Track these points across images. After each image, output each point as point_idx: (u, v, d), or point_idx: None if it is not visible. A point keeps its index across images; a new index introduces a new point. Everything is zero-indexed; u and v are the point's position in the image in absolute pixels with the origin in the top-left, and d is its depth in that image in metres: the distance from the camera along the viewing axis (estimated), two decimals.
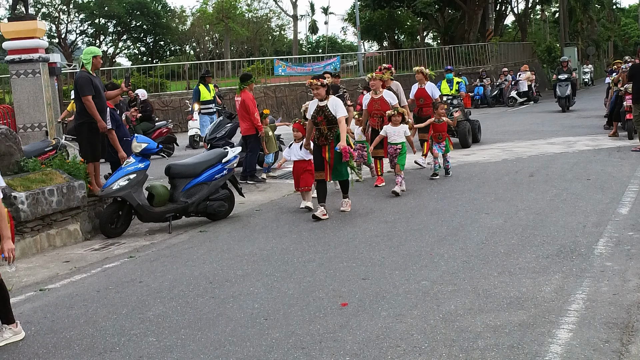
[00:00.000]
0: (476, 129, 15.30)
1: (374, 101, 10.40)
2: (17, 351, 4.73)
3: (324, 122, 8.39)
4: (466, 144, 14.40)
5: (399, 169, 9.65)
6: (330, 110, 8.38)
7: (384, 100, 10.29)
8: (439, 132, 10.93)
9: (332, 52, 51.09)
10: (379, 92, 10.37)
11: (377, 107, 10.32)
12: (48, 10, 51.81)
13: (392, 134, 9.80)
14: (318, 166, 8.56)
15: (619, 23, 63.38)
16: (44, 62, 12.97)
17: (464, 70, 31.53)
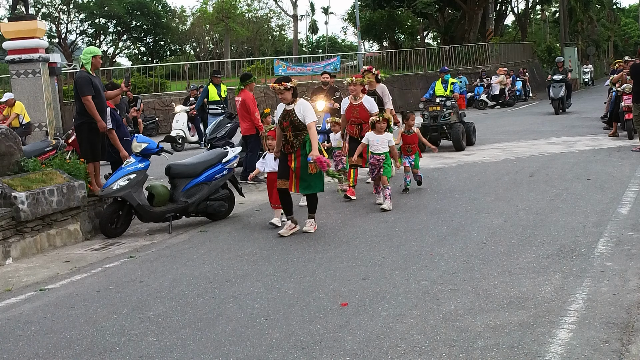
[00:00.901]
0: (470, 131, 14.82)
1: (352, 107, 9.54)
2: (17, 351, 4.73)
3: (290, 128, 7.59)
4: (460, 147, 13.99)
5: (385, 181, 8.82)
6: (297, 115, 7.56)
7: (363, 107, 9.45)
8: (409, 144, 9.86)
9: (332, 52, 51.08)
10: (359, 98, 9.51)
11: (355, 114, 9.48)
12: (48, 10, 51.79)
13: (374, 142, 8.87)
14: (281, 173, 7.69)
15: (619, 23, 63.43)
16: (44, 62, 12.98)
17: (464, 70, 31.53)
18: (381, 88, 10.49)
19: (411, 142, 9.86)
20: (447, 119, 14.14)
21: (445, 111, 14.07)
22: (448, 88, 15.12)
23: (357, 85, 9.48)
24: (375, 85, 10.44)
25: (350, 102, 9.58)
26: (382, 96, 10.29)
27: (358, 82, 9.49)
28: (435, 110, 14.25)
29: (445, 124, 14.15)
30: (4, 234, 7.27)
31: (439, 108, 14.21)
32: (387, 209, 8.56)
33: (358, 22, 37.84)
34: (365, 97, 9.56)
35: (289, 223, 7.73)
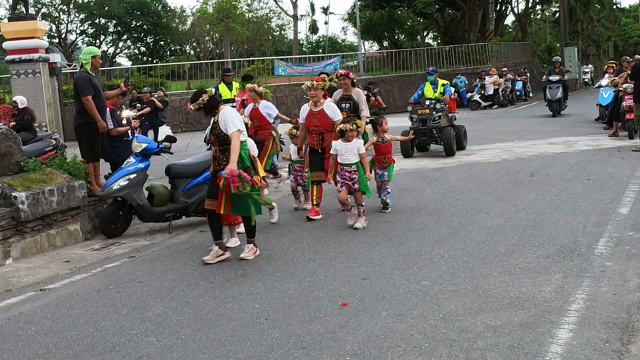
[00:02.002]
0: (461, 135, 14.13)
1: (312, 115, 8.47)
2: (17, 351, 4.73)
3: (216, 143, 6.70)
4: (451, 151, 13.24)
5: (360, 197, 7.81)
6: (221, 127, 6.58)
7: (324, 115, 8.40)
8: (384, 155, 8.66)
9: (332, 52, 51.08)
10: (319, 104, 8.43)
11: (315, 122, 8.39)
12: (48, 10, 51.82)
13: (343, 152, 7.80)
14: (210, 192, 6.83)
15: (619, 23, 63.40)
16: (44, 62, 12.97)
17: (464, 70, 31.53)
18: (357, 93, 9.44)
19: (386, 152, 8.66)
20: (437, 123, 13.40)
21: (434, 114, 13.39)
22: (438, 90, 14.24)
23: (317, 90, 8.38)
24: (352, 89, 9.44)
25: (310, 109, 8.50)
26: (358, 102, 9.31)
27: (318, 86, 8.37)
28: (425, 113, 13.50)
29: (435, 128, 13.44)
30: (4, 234, 7.27)
31: (428, 111, 13.49)
32: (361, 228, 7.65)
33: (358, 22, 37.84)
34: (326, 103, 8.51)
35: (216, 249, 6.78)
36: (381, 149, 8.67)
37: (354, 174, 7.75)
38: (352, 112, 9.10)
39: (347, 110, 9.13)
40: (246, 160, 6.58)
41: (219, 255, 6.72)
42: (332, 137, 8.30)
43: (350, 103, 9.27)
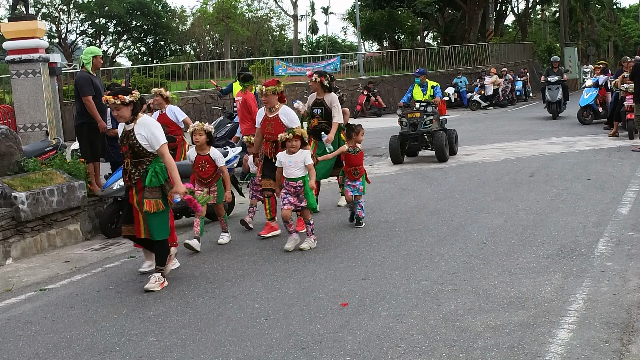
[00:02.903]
0: (453, 140, 13.31)
1: (267, 121, 7.62)
2: (17, 351, 4.73)
3: (128, 154, 5.91)
4: (443, 157, 12.51)
5: (308, 215, 7.07)
6: (137, 136, 5.83)
7: (279, 122, 7.52)
8: (355, 166, 7.96)
9: (333, 52, 51.12)
10: (274, 109, 7.59)
11: (270, 129, 7.53)
12: (48, 10, 51.82)
13: (287, 165, 7.02)
14: (126, 217, 6.13)
15: (619, 23, 63.43)
16: (44, 62, 12.96)
17: (464, 70, 31.53)
18: (330, 98, 8.69)
19: (357, 163, 7.99)
20: (428, 127, 12.69)
21: (425, 118, 12.66)
22: (428, 92, 13.49)
23: (269, 95, 7.50)
24: (324, 94, 8.72)
25: (265, 114, 7.69)
26: (331, 107, 8.63)
27: (269, 91, 7.46)
28: (415, 117, 12.74)
29: (426, 132, 12.74)
30: (4, 234, 7.27)
31: (418, 115, 12.73)
32: (307, 248, 6.94)
33: (358, 22, 37.83)
34: (282, 108, 7.63)
35: (157, 276, 5.99)
36: (352, 159, 7.99)
37: (300, 190, 6.96)
38: (324, 119, 8.65)
39: (318, 116, 8.69)
40: (160, 175, 5.87)
41: (163, 283, 5.96)
42: None
43: (322, 108, 8.69)
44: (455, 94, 29.14)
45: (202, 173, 7.47)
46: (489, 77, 27.70)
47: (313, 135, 8.64)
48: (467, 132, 18.06)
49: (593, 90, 17.21)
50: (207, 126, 7.50)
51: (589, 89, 17.26)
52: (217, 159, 7.49)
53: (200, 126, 7.47)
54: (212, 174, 7.49)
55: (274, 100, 7.57)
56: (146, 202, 5.82)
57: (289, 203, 6.96)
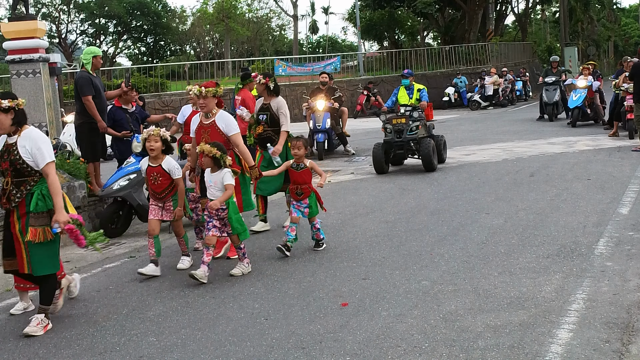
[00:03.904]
0: (441, 146, 12.26)
1: (202, 128, 6.69)
2: (17, 351, 4.73)
3: (9, 171, 5.04)
4: (431, 166, 11.44)
5: (236, 240, 6.24)
6: (20, 151, 5.00)
7: (216, 129, 6.61)
8: (299, 185, 6.89)
9: (333, 52, 51.06)
10: (211, 115, 6.68)
11: (206, 137, 6.55)
12: (48, 10, 51.81)
13: (208, 185, 6.24)
14: (5, 249, 5.24)
15: (619, 23, 63.47)
16: (44, 62, 12.97)
17: (464, 70, 31.52)
18: (277, 103, 7.89)
19: (301, 181, 6.88)
20: (415, 133, 11.56)
21: (411, 124, 11.57)
22: (414, 95, 12.40)
23: (207, 98, 6.62)
24: (271, 98, 7.91)
25: (201, 121, 6.76)
26: (278, 114, 7.82)
27: (209, 93, 6.63)
28: (400, 123, 11.58)
29: (412, 140, 11.64)
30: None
31: (404, 120, 11.59)
32: (239, 274, 6.19)
33: (358, 22, 37.84)
34: (220, 113, 6.71)
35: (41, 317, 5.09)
36: (295, 176, 6.93)
37: (223, 213, 6.10)
38: (270, 126, 7.81)
39: (264, 123, 7.88)
40: (48, 198, 5.01)
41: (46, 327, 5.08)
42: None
43: (267, 114, 7.87)
44: (455, 94, 29.15)
45: (154, 187, 6.42)
46: (490, 77, 27.70)
47: (259, 144, 7.94)
48: (467, 132, 18.07)
49: (582, 92, 16.80)
50: (163, 132, 6.42)
51: (578, 90, 16.91)
52: (172, 171, 6.43)
53: (156, 131, 6.36)
54: (167, 187, 6.42)
55: (212, 104, 6.68)
56: (30, 231, 4.94)
57: (214, 228, 6.13)
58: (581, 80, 17.00)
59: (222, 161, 6.11)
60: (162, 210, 6.50)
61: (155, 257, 6.35)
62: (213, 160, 6.09)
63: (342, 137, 14.56)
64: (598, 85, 17.36)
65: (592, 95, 16.92)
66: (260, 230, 7.92)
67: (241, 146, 6.69)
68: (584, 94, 16.67)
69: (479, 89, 27.76)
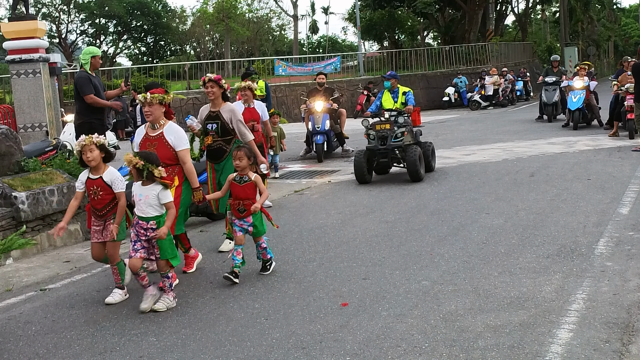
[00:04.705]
0: (429, 154, 11.40)
1: (148, 141, 6.05)
2: (17, 351, 4.73)
3: None
4: (417, 176, 10.51)
5: (163, 267, 5.45)
6: None
7: (164, 142, 5.98)
8: (241, 200, 6.05)
9: (333, 52, 51.09)
10: (159, 125, 6.03)
11: (152, 151, 5.89)
12: (48, 10, 51.83)
13: (137, 198, 5.45)
14: None
15: (619, 23, 63.51)
16: (45, 62, 12.97)
17: (464, 70, 31.53)
18: (229, 110, 6.95)
19: (244, 197, 6.03)
20: (400, 140, 10.73)
21: (396, 130, 10.72)
22: (399, 99, 11.53)
23: (153, 105, 5.90)
24: (222, 104, 6.97)
25: (147, 133, 6.07)
26: (232, 123, 6.91)
27: (156, 99, 5.90)
28: (384, 129, 10.75)
29: (397, 147, 10.80)
30: (4, 234, 7.26)
31: (388, 126, 10.76)
32: (163, 309, 5.36)
33: (358, 22, 37.86)
34: (169, 125, 6.04)
35: None
36: (236, 190, 6.07)
37: (151, 232, 5.37)
38: (220, 136, 6.92)
39: (214, 133, 6.94)
40: None
41: None
42: (173, 174, 6.02)
43: (217, 123, 6.92)
44: (455, 94, 29.18)
45: (95, 202, 5.58)
46: (490, 77, 27.72)
47: (208, 157, 7.09)
48: (467, 132, 18.07)
49: (581, 93, 16.53)
50: (99, 139, 5.55)
51: (577, 91, 16.64)
52: (114, 182, 5.56)
53: (89, 139, 5.51)
54: (109, 203, 5.58)
55: (158, 112, 5.96)
56: None
57: (142, 249, 5.41)
58: (578, 81, 16.77)
59: (147, 172, 5.28)
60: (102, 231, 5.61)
61: (120, 283, 5.74)
62: (137, 171, 5.33)
63: (340, 138, 14.49)
64: (595, 85, 17.29)
65: (589, 97, 16.80)
66: (227, 250, 7.00)
67: (188, 164, 6.02)
68: (583, 95, 16.54)
69: (479, 89, 27.78)
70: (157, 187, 5.36)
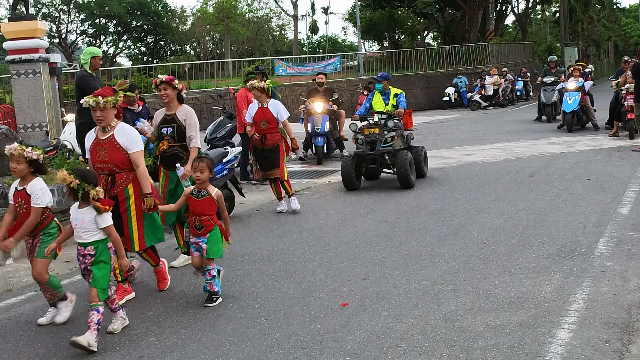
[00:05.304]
0: (421, 160, 10.84)
1: (98, 145, 5.56)
2: (17, 351, 4.73)
3: None
4: (407, 182, 9.95)
5: (94, 297, 4.72)
6: None
7: (115, 145, 5.49)
8: (197, 216, 5.50)
9: (333, 52, 51.06)
10: (110, 128, 5.52)
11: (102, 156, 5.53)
12: (48, 10, 51.84)
13: (73, 222, 4.87)
14: None
15: (619, 23, 63.51)
16: (45, 62, 12.98)
17: (464, 70, 31.53)
18: (184, 112, 6.47)
19: (200, 212, 5.48)
20: (390, 145, 10.19)
21: (386, 134, 10.18)
22: (390, 101, 11.00)
23: (106, 110, 5.45)
24: (177, 107, 6.51)
25: (97, 136, 5.60)
26: (185, 125, 6.42)
27: (107, 104, 5.41)
28: (373, 134, 10.18)
29: (386, 152, 10.23)
30: None
31: (377, 130, 10.18)
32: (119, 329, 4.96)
33: (358, 22, 37.83)
34: (120, 126, 5.55)
35: None
36: (193, 205, 5.52)
37: (90, 259, 4.82)
38: (176, 141, 6.45)
39: (169, 137, 6.47)
40: None
41: None
42: (128, 181, 5.56)
43: (173, 127, 6.45)
44: (455, 94, 29.19)
45: (22, 216, 5.14)
46: (490, 77, 27.73)
47: (163, 163, 6.63)
48: (467, 132, 18.07)
49: (576, 94, 16.13)
50: (29, 152, 5.15)
51: (572, 93, 16.23)
52: (34, 194, 5.09)
53: (19, 151, 5.12)
54: None
55: (110, 116, 5.48)
56: None
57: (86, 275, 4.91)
58: (572, 83, 16.43)
59: (82, 192, 4.72)
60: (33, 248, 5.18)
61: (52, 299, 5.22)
62: (72, 191, 4.75)
63: (339, 141, 14.22)
64: (590, 85, 17.12)
65: (584, 98, 16.50)
66: (181, 266, 6.62)
67: (141, 167, 5.51)
68: (578, 97, 16.21)
69: (479, 89, 27.78)
70: (94, 211, 4.76)
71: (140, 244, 5.67)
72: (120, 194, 5.54)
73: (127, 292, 5.70)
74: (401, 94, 11.14)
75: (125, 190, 5.55)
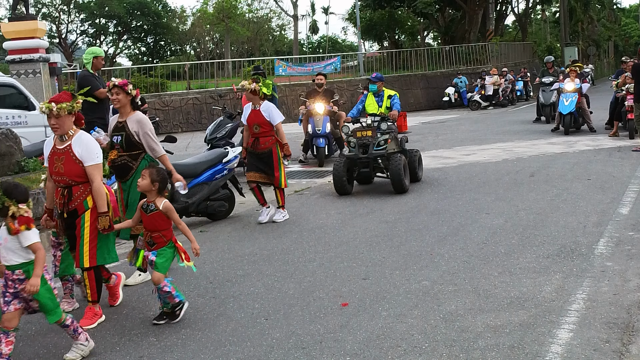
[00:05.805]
0: (415, 164, 10.42)
1: (55, 155, 5.14)
2: (17, 351, 4.73)
3: None
4: (401, 187, 9.60)
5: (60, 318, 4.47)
6: None
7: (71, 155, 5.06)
8: (149, 232, 5.17)
9: (333, 52, 51.07)
10: (67, 137, 5.09)
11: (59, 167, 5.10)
12: (48, 10, 51.89)
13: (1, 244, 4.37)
14: None
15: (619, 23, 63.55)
16: (45, 62, 13.00)
17: (464, 70, 31.53)
18: (137, 121, 6.08)
19: (152, 228, 5.15)
20: (383, 149, 9.82)
21: (379, 137, 9.81)
22: (384, 103, 10.66)
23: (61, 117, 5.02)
24: (129, 113, 6.09)
25: (54, 145, 5.18)
26: (137, 135, 6.04)
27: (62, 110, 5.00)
28: (366, 137, 9.82)
29: (380, 156, 9.87)
30: None
31: (370, 133, 9.82)
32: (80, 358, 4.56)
33: (358, 22, 37.84)
34: (78, 135, 5.14)
35: None
36: (144, 220, 5.20)
37: (20, 285, 4.35)
38: (125, 150, 6.08)
39: (118, 146, 6.09)
40: None
41: None
42: (86, 194, 5.11)
43: (122, 135, 6.07)
44: (455, 94, 29.19)
45: None
46: (490, 77, 27.73)
47: (115, 174, 6.22)
48: (467, 132, 18.07)
49: (573, 96, 15.84)
50: None
51: (569, 94, 15.94)
52: None
53: None
54: None
55: (66, 124, 5.05)
56: None
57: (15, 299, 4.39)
58: (569, 84, 16.23)
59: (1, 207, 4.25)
60: None
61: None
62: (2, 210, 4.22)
63: (339, 142, 14.18)
64: (588, 87, 17.00)
65: (580, 100, 16.14)
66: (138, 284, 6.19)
67: (96, 183, 5.06)
68: (575, 98, 16.00)
69: (479, 89, 27.79)
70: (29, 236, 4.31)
71: (90, 260, 5.11)
72: (80, 207, 5.10)
73: (97, 316, 5.24)
74: (395, 95, 10.84)
75: (84, 202, 5.10)
